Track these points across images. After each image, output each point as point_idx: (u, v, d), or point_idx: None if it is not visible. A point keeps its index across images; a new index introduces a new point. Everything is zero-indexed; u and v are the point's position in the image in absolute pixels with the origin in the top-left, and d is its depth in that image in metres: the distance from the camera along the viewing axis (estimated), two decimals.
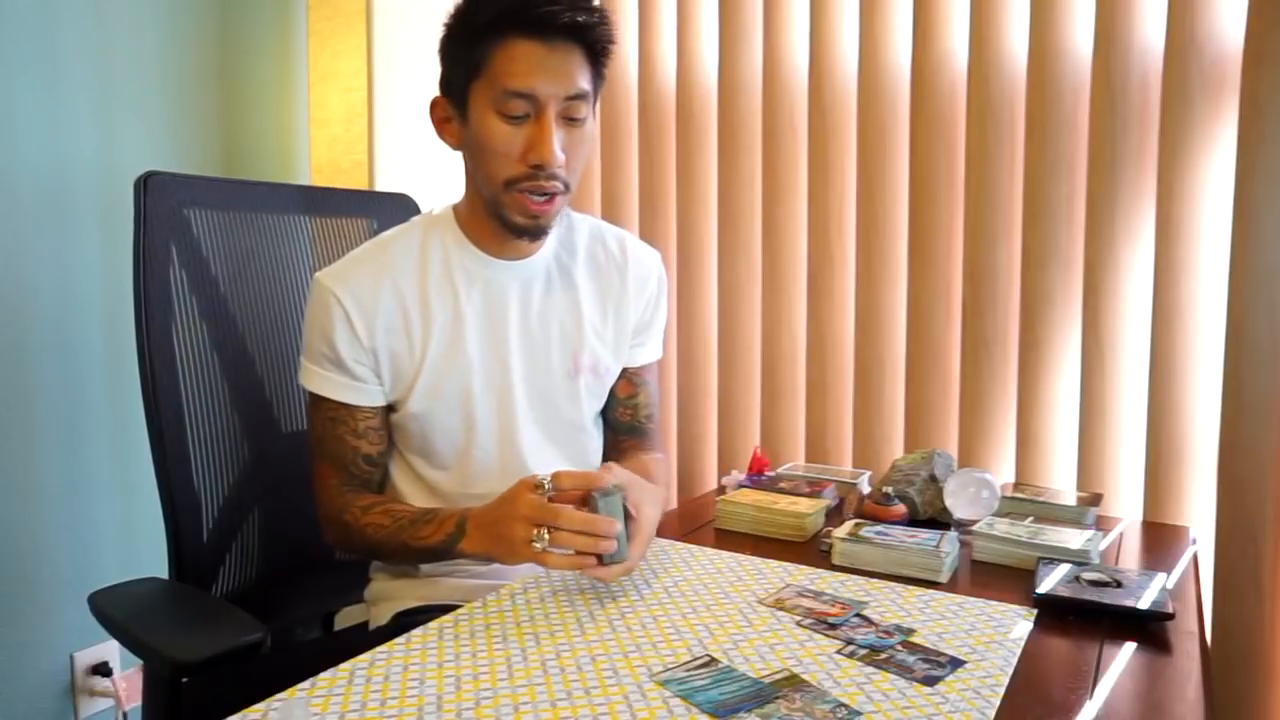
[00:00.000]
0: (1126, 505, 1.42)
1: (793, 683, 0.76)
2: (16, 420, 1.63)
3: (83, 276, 1.71)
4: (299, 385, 1.10)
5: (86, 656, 1.75)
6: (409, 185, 1.73)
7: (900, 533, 1.09)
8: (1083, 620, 0.91)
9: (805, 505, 1.21)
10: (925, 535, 1.08)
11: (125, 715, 1.79)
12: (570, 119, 1.02)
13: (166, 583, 1.12)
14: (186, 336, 1.16)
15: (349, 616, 1.37)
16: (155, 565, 1.17)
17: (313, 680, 0.76)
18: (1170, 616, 0.90)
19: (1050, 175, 1.44)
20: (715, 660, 0.80)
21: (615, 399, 1.23)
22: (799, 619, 0.89)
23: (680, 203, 1.83)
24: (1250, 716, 1.28)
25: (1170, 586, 0.99)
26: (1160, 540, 1.25)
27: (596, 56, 1.04)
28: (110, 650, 1.78)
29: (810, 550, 1.13)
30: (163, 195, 1.15)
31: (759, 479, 1.42)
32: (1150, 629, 0.90)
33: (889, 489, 1.25)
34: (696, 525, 1.26)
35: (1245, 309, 1.27)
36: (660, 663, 0.79)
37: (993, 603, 0.94)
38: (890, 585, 0.99)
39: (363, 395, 1.08)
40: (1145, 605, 0.91)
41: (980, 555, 1.09)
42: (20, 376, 1.64)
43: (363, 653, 0.82)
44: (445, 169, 1.83)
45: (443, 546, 0.98)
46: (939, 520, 1.25)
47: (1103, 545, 1.14)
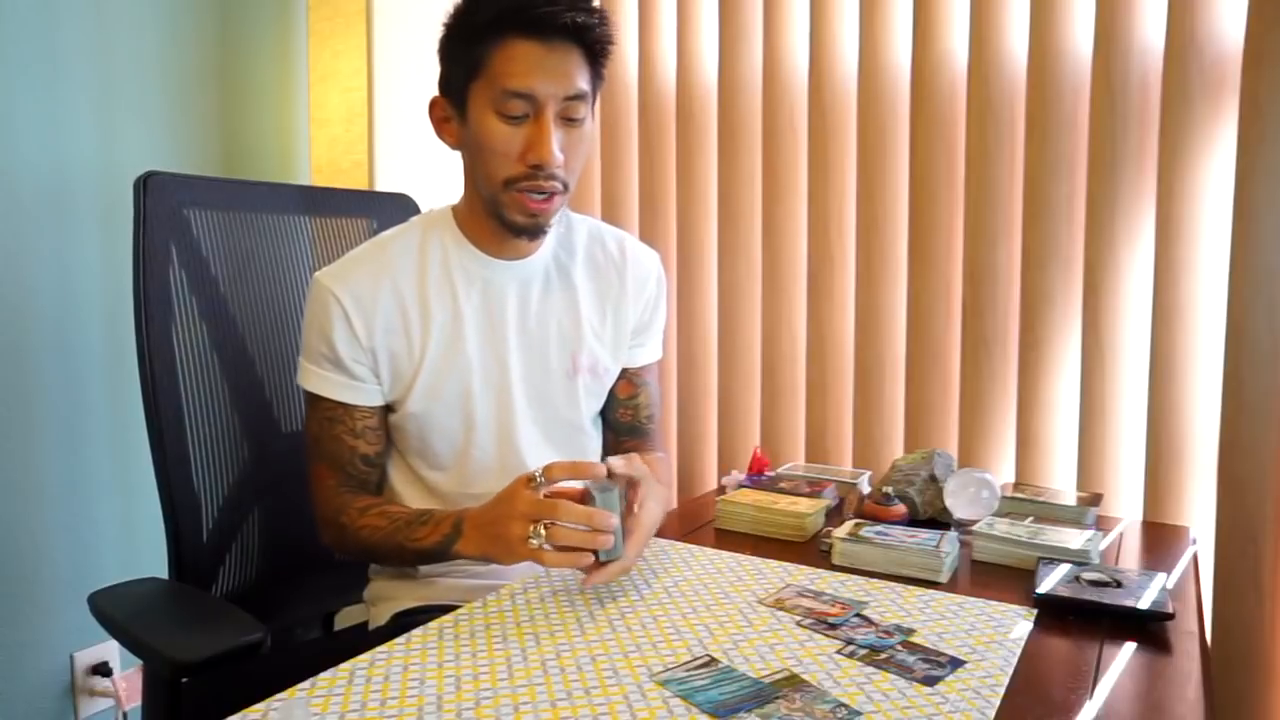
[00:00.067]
0: (1126, 505, 1.42)
1: (793, 683, 0.76)
2: (16, 420, 1.63)
3: (83, 276, 1.71)
4: (298, 386, 1.10)
5: (86, 656, 1.75)
6: (409, 185, 1.73)
7: (900, 533, 1.09)
8: (1083, 620, 0.91)
9: (805, 505, 1.21)
10: (925, 535, 1.08)
11: (125, 715, 1.79)
12: (569, 119, 1.02)
13: (166, 583, 1.12)
14: (186, 337, 1.16)
15: (349, 616, 1.37)
16: (155, 565, 1.17)
17: (313, 680, 0.76)
18: (1170, 616, 0.90)
19: (1050, 175, 1.44)
20: (715, 660, 0.80)
21: (615, 399, 1.23)
22: (799, 619, 0.89)
23: (680, 203, 1.83)
24: (1250, 716, 1.28)
25: (1170, 586, 0.99)
26: (1160, 540, 1.25)
27: (595, 57, 1.04)
28: (110, 650, 1.78)
29: (810, 550, 1.13)
30: (162, 195, 1.15)
31: (759, 479, 1.42)
32: (1150, 629, 0.90)
33: (889, 489, 1.25)
34: (696, 525, 1.26)
35: (1245, 309, 1.27)
36: (660, 663, 0.79)
37: (993, 603, 0.94)
38: (890, 585, 0.99)
39: (361, 395, 1.08)
40: (1145, 605, 0.91)
41: (980, 555, 1.09)
42: (20, 376, 1.64)
43: (363, 653, 0.82)
44: (445, 169, 1.83)
45: (439, 548, 0.98)
46: (939, 520, 1.25)
47: (1103, 545, 1.14)
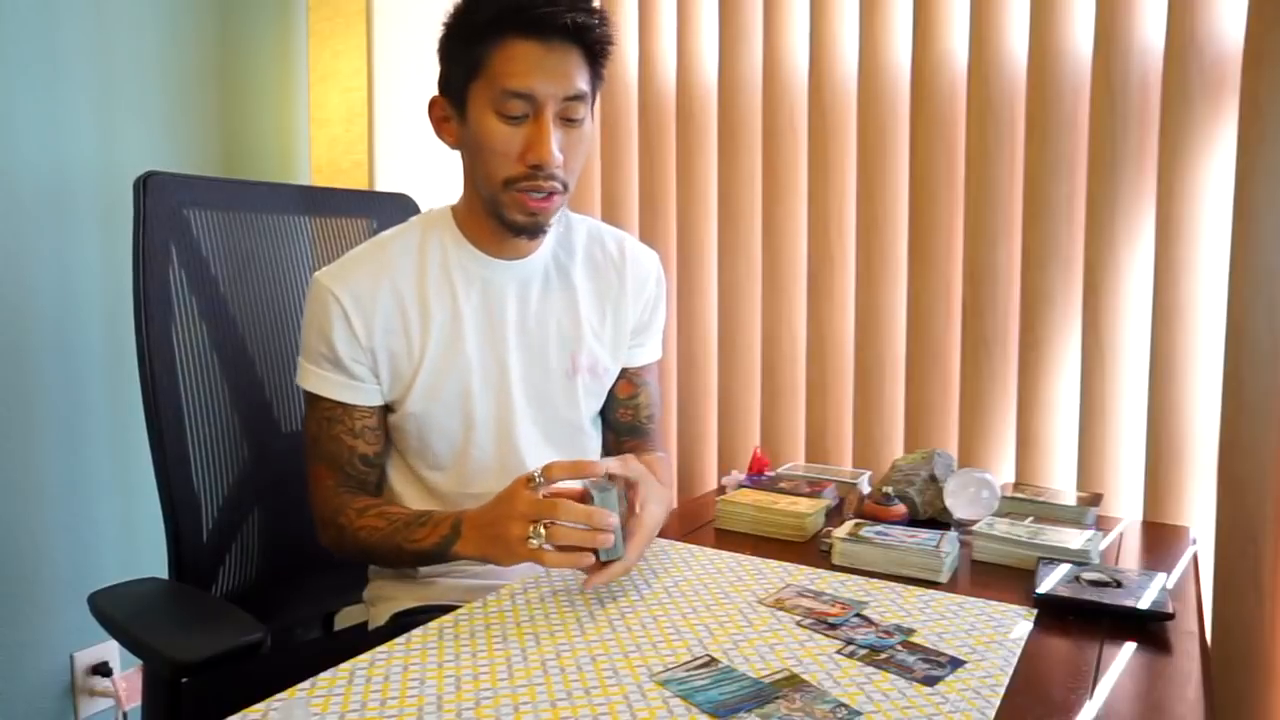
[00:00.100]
0: (1126, 505, 1.42)
1: (793, 683, 0.76)
2: (16, 420, 1.63)
3: (83, 276, 1.71)
4: (298, 386, 1.10)
5: (86, 656, 1.75)
6: (409, 185, 1.73)
7: (900, 533, 1.09)
8: (1083, 620, 0.91)
9: (805, 505, 1.21)
10: (925, 535, 1.08)
11: (125, 715, 1.79)
12: (568, 119, 1.02)
13: (166, 583, 1.12)
14: (186, 337, 1.16)
15: (349, 616, 1.37)
16: (155, 565, 1.17)
17: (313, 680, 0.76)
18: (1170, 616, 0.90)
19: (1050, 175, 1.44)
20: (715, 660, 0.80)
21: (616, 399, 1.23)
22: (799, 619, 0.89)
23: (680, 203, 1.83)
24: (1250, 716, 1.28)
25: (1170, 586, 0.99)
26: (1160, 540, 1.25)
27: (595, 57, 1.04)
28: (110, 650, 1.78)
29: (810, 550, 1.13)
30: (162, 195, 1.15)
31: (759, 479, 1.42)
32: (1150, 629, 0.90)
33: (889, 489, 1.25)
34: (696, 525, 1.26)
35: (1245, 309, 1.27)
36: (660, 663, 0.79)
37: (993, 603, 0.94)
38: (890, 585, 0.99)
39: (360, 394, 1.08)
40: (1145, 605, 0.91)
41: (980, 555, 1.09)
42: (20, 376, 1.64)
43: (363, 653, 0.81)
44: (445, 169, 1.83)
45: (437, 549, 0.97)
46: (939, 520, 1.25)
47: (1103, 545, 1.14)
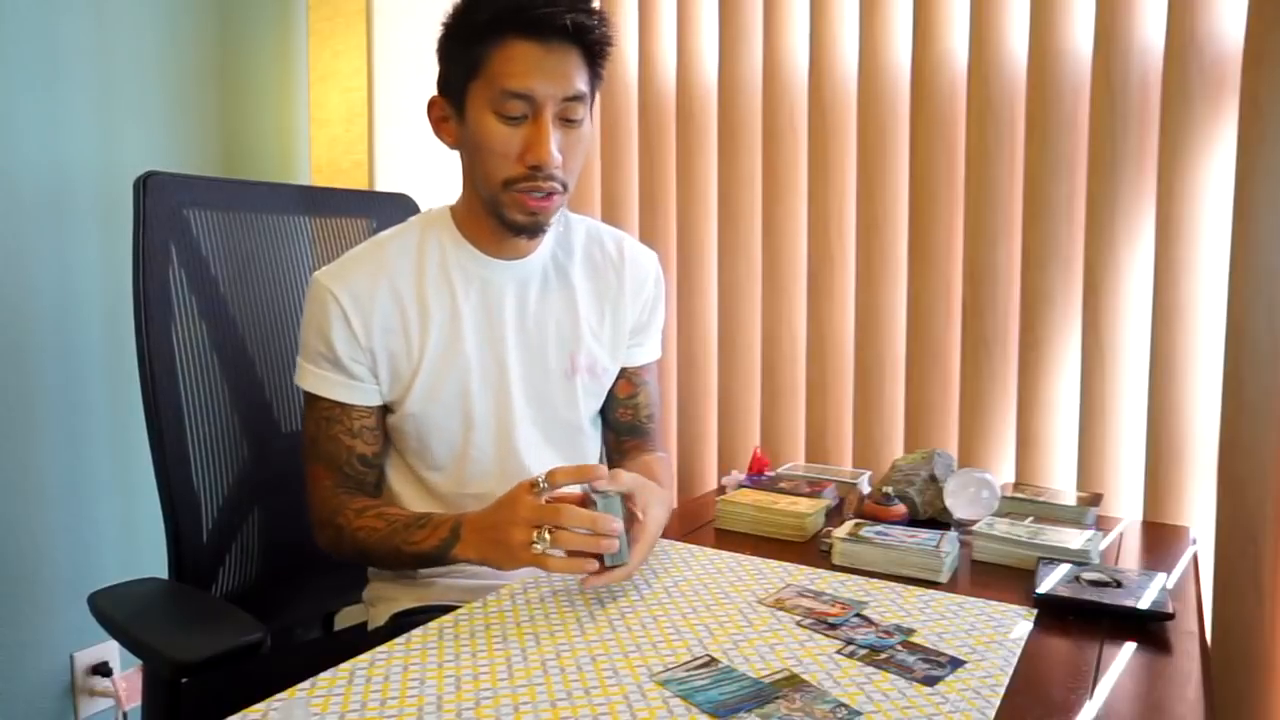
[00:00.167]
0: (1126, 505, 1.42)
1: (793, 683, 0.76)
2: (16, 420, 1.63)
3: (83, 276, 1.71)
4: (296, 385, 1.10)
5: (86, 656, 1.75)
6: (409, 185, 1.73)
7: (900, 533, 1.09)
8: (1083, 620, 0.91)
9: (805, 505, 1.21)
10: (925, 535, 1.08)
11: (125, 715, 1.79)
12: (567, 120, 1.02)
13: (166, 583, 1.12)
14: (186, 337, 1.16)
15: (349, 616, 1.37)
16: (155, 565, 1.17)
17: (313, 680, 0.76)
18: (1170, 616, 0.90)
19: (1050, 175, 1.44)
20: (715, 660, 0.80)
21: (615, 399, 1.23)
22: (799, 619, 0.89)
23: (680, 203, 1.83)
24: (1250, 716, 1.28)
25: (1170, 586, 0.99)
26: (1160, 540, 1.25)
27: (594, 58, 1.04)
28: (110, 650, 1.78)
29: (810, 550, 1.13)
30: (162, 195, 1.15)
31: (759, 479, 1.42)
32: (1150, 629, 0.90)
33: (889, 489, 1.25)
34: (696, 525, 1.26)
35: (1245, 309, 1.27)
36: (660, 663, 0.79)
37: (993, 603, 0.94)
38: (890, 585, 0.99)
39: (359, 394, 1.07)
40: (1145, 605, 0.91)
41: (980, 555, 1.09)
42: (20, 376, 1.64)
43: (362, 653, 0.81)
44: (445, 169, 1.83)
45: (436, 552, 0.97)
46: (939, 520, 1.25)
47: (1103, 545, 1.14)
